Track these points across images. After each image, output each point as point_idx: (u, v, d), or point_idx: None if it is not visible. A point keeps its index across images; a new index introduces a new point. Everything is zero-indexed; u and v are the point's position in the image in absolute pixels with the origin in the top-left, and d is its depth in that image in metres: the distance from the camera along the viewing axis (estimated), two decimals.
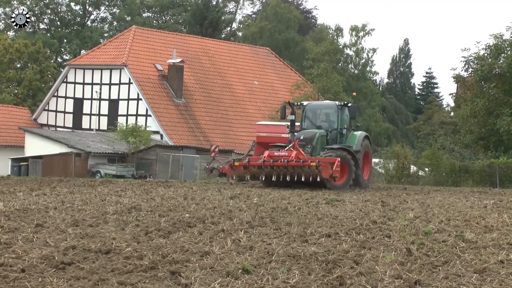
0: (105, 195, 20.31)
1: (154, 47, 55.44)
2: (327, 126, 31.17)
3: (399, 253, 10.18)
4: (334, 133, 30.85)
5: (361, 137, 31.30)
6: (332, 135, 30.80)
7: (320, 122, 31.55)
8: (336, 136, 30.85)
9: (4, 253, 8.73)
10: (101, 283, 7.30)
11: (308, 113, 31.80)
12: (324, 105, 33.08)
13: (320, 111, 32.22)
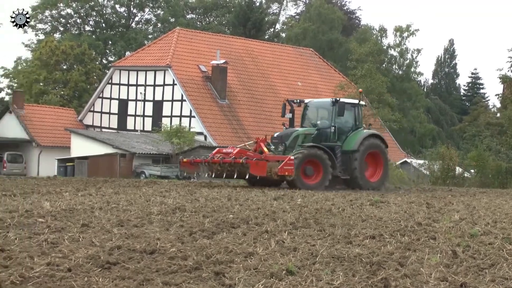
0: (150, 195, 20.42)
1: (198, 49, 55.66)
2: (322, 124, 29.87)
3: (445, 255, 10.08)
4: (328, 131, 29.48)
5: (361, 136, 29.69)
6: (326, 133, 29.45)
7: (316, 120, 30.42)
8: (329, 134, 29.43)
9: (51, 253, 8.82)
10: (145, 283, 7.34)
11: (307, 111, 31.03)
12: (320, 103, 31.82)
13: (316, 109, 31.18)
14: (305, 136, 29.04)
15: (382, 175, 30.47)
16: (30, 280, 7.08)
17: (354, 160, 29.15)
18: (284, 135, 29.23)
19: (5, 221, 11.83)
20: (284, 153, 28.32)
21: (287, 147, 28.66)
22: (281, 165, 26.73)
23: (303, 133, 29.24)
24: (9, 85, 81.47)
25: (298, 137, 29.02)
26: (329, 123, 29.57)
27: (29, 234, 10.49)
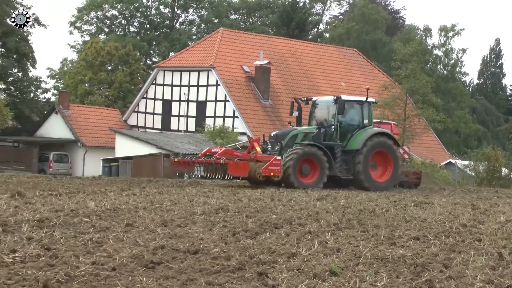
0: (193, 195, 20.51)
1: (241, 49, 55.75)
2: (327, 123, 29.23)
3: (490, 257, 9.96)
4: (330, 130, 28.72)
5: (366, 135, 28.76)
6: (328, 132, 28.67)
7: (321, 119, 29.76)
8: (332, 132, 28.65)
9: (95, 252, 8.90)
10: (189, 283, 7.37)
11: (313, 109, 30.25)
12: (324, 101, 30.78)
13: (323, 107, 30.29)
14: (305, 135, 28.48)
15: (391, 175, 29.56)
16: (75, 279, 7.15)
17: (357, 160, 28.43)
18: (280, 134, 28.86)
19: (51, 220, 11.97)
20: (280, 152, 27.89)
21: (284, 146, 28.14)
22: (265, 166, 26.44)
23: (302, 132, 28.64)
24: (55, 86, 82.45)
25: (296, 136, 28.42)
26: (331, 122, 28.96)
27: (75, 233, 10.60)
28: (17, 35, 61.62)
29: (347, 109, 29.08)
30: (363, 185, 28.16)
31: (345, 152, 28.46)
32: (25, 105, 61.25)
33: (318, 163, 27.60)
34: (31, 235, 10.12)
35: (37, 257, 8.33)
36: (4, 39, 60.40)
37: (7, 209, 13.82)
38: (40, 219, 12.06)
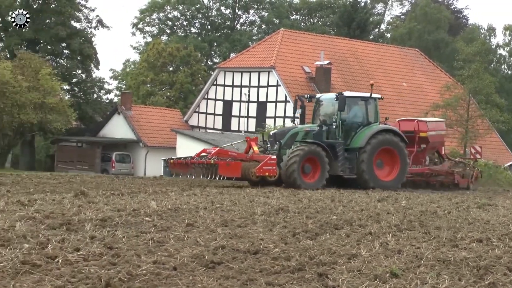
0: (253, 196, 20.54)
1: (302, 49, 55.67)
2: (330, 120, 28.20)
3: None
4: (332, 128, 27.74)
5: (370, 132, 27.73)
6: (330, 130, 27.70)
7: (325, 116, 28.72)
8: (335, 130, 27.67)
9: (157, 251, 8.98)
10: (249, 283, 7.39)
11: (317, 106, 29.32)
12: (328, 98, 29.72)
13: (326, 104, 29.29)
14: (306, 133, 27.44)
15: (398, 174, 28.47)
16: (137, 278, 7.23)
17: (361, 158, 27.41)
18: (280, 133, 27.92)
19: (113, 219, 12.11)
20: (279, 151, 26.91)
21: (283, 145, 27.13)
22: (260, 165, 25.65)
23: (302, 130, 27.65)
24: (117, 86, 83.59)
25: (296, 134, 27.41)
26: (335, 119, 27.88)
27: (136, 233, 10.71)
28: (81, 36, 62.62)
29: (350, 106, 28.06)
30: (368, 185, 27.17)
31: (348, 150, 27.51)
32: (88, 106, 62.19)
33: (320, 162, 26.61)
34: (94, 234, 10.26)
35: (99, 256, 8.44)
36: (68, 41, 61.42)
37: (70, 208, 14.04)
38: (102, 218, 12.21)
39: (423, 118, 35.61)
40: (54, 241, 9.38)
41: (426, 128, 31.75)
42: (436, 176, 32.14)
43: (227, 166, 25.57)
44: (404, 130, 30.63)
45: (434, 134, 32.02)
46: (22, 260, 7.81)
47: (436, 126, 32.76)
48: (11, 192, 18.89)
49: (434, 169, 31.98)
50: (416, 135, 31.32)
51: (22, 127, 50.19)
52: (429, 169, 31.90)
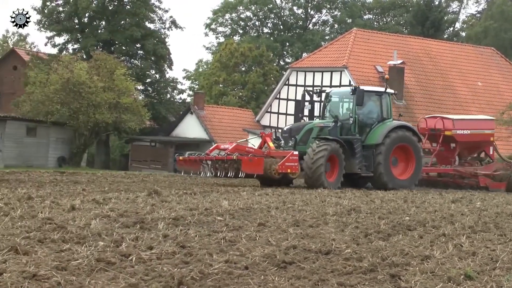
0: (325, 196, 20.49)
1: (374, 49, 55.26)
2: (343, 115, 27.30)
3: None
4: (347, 123, 26.77)
5: (387, 128, 26.77)
6: (345, 126, 26.71)
7: (336, 111, 27.80)
8: (350, 126, 26.71)
9: (229, 250, 9.03)
10: (321, 283, 7.36)
11: (328, 101, 28.27)
12: (341, 92, 28.95)
13: (338, 99, 28.41)
14: (321, 129, 26.41)
15: (414, 172, 27.50)
16: (209, 277, 7.27)
17: (378, 155, 26.50)
18: (295, 129, 26.78)
19: (185, 218, 12.22)
20: (295, 148, 25.91)
21: (298, 141, 26.22)
22: (282, 162, 24.69)
23: (317, 125, 26.60)
24: (190, 86, 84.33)
25: (311, 130, 26.41)
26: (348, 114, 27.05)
27: (208, 232, 10.78)
28: (155, 37, 63.40)
29: (365, 101, 26.95)
30: (384, 183, 26.39)
31: (364, 147, 26.63)
32: (161, 106, 62.92)
33: (338, 160, 25.61)
34: (167, 232, 10.37)
35: (172, 254, 8.52)
36: (143, 42, 62.26)
37: (144, 207, 14.22)
38: (175, 217, 12.34)
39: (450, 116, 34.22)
40: (128, 239, 9.51)
41: (451, 126, 30.54)
42: (463, 178, 30.93)
43: (250, 162, 24.42)
44: (429, 128, 29.78)
45: (463, 133, 30.56)
46: (97, 257, 7.94)
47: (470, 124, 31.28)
48: (86, 191, 19.23)
49: (458, 170, 30.79)
50: (441, 133, 30.21)
51: (98, 126, 51.05)
52: (454, 170, 30.72)
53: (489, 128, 31.62)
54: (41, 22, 62.97)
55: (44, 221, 10.93)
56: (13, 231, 9.79)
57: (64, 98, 48.36)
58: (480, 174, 30.57)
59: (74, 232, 9.94)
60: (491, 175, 30.65)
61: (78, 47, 63.28)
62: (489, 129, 31.55)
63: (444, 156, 30.82)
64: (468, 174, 30.83)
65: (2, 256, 7.75)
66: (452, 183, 30.70)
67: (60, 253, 8.20)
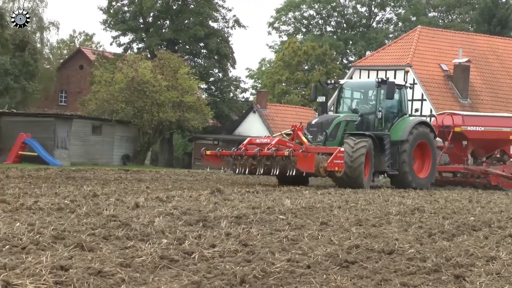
0: (388, 195, 20.34)
1: (439, 47, 54.66)
2: (364, 109, 25.77)
3: None
4: (371, 118, 25.36)
5: (411, 123, 25.50)
6: (368, 120, 25.30)
7: (356, 105, 26.36)
8: (374, 121, 25.30)
9: (291, 249, 9.02)
10: (383, 283, 7.31)
11: (344, 93, 26.67)
12: (363, 84, 27.79)
13: (358, 91, 26.84)
14: (347, 124, 25.01)
15: (430, 171, 26.44)
16: (271, 275, 7.28)
17: (403, 153, 25.16)
18: (325, 122, 24.97)
19: (248, 217, 12.26)
20: (325, 144, 24.33)
21: (328, 136, 24.65)
22: (331, 159, 22.83)
23: (344, 119, 25.07)
24: (253, 85, 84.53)
25: (339, 124, 24.91)
26: (372, 108, 25.63)
27: (271, 230, 10.79)
28: (219, 36, 63.75)
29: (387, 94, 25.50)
30: (408, 182, 25.15)
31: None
32: (224, 105, 63.24)
33: (370, 157, 24.17)
34: (229, 231, 10.41)
35: (234, 253, 8.55)
36: (206, 41, 62.68)
37: (207, 205, 14.30)
38: (238, 215, 12.38)
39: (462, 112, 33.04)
40: (191, 237, 9.57)
41: (461, 122, 29.34)
42: (474, 177, 29.58)
43: (305, 159, 22.37)
44: (439, 125, 28.82)
45: (475, 129, 29.29)
46: (160, 255, 8.02)
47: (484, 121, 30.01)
48: (150, 189, 19.44)
49: (469, 168, 29.54)
50: (451, 129, 29.03)
51: (161, 125, 51.56)
52: (464, 168, 29.46)
53: (508, 126, 30.12)
54: (106, 22, 63.92)
55: (109, 218, 11.08)
56: (78, 228, 9.95)
57: (129, 97, 48.94)
58: (491, 172, 29.27)
59: (138, 229, 10.05)
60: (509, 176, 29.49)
61: (143, 46, 64.00)
62: (509, 127, 30.08)
63: (456, 155, 29.71)
64: (479, 173, 29.49)
65: (68, 252, 7.87)
66: (464, 182, 29.42)
67: (124, 250, 8.30)
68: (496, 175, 29.25)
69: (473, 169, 29.72)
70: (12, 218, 10.79)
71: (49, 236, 8.91)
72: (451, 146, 29.05)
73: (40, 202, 13.33)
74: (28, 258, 7.48)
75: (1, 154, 43.70)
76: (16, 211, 12.00)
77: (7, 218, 10.78)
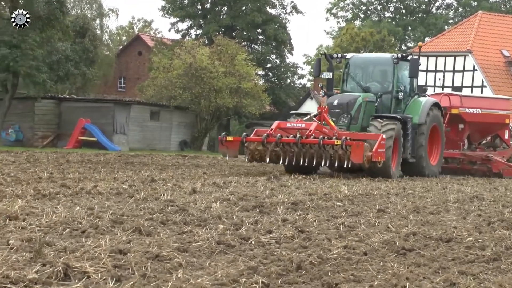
0: (447, 183, 20.13)
1: (500, 33, 53.79)
2: (378, 88, 23.13)
3: None
4: (387, 98, 22.84)
5: (427, 105, 23.07)
6: (383, 101, 22.76)
7: (368, 83, 23.56)
8: (390, 102, 22.87)
9: (347, 236, 9.00)
10: (441, 271, 7.24)
11: (353, 69, 23.84)
12: (375, 59, 24.77)
13: (370, 68, 24.09)
14: (366, 104, 22.34)
15: (440, 157, 24.24)
16: (327, 262, 7.27)
17: (420, 136, 22.76)
18: (349, 102, 22.13)
19: (304, 203, 12.25)
20: (349, 127, 21.74)
21: (352, 118, 22.10)
22: (375, 148, 20.07)
23: (364, 100, 22.36)
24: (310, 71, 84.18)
25: (361, 105, 22.20)
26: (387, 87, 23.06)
27: (327, 217, 10.77)
28: (276, 22, 63.64)
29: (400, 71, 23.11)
30: (422, 169, 22.88)
31: None
32: (281, 91, 63.18)
33: (398, 143, 21.66)
34: (285, 217, 10.42)
35: (291, 239, 8.56)
36: (264, 27, 62.64)
37: (263, 191, 14.34)
38: (294, 201, 12.39)
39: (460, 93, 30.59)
40: (247, 222, 9.61)
41: (458, 104, 26.91)
42: (471, 163, 27.10)
43: (357, 149, 19.69)
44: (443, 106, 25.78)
45: (473, 112, 26.89)
46: (217, 240, 8.07)
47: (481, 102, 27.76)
48: (207, 174, 19.56)
49: (467, 154, 27.18)
50: (447, 111, 26.39)
51: (219, 111, 51.74)
52: (462, 154, 27.10)
53: (504, 108, 27.99)
54: (165, 8, 64.33)
55: (167, 203, 11.18)
56: (137, 213, 10.06)
57: (187, 83, 49.20)
58: (493, 159, 26.99)
59: (195, 214, 10.12)
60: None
61: (201, 33, 64.25)
62: (504, 110, 27.95)
63: (451, 139, 27.09)
64: (479, 159, 27.10)
65: (127, 237, 7.98)
66: (459, 169, 26.89)
67: (181, 235, 8.37)
68: (498, 162, 27.08)
69: (472, 155, 27.40)
70: (72, 202, 10.98)
71: (108, 220, 9.04)
72: (447, 130, 26.22)
73: (99, 186, 13.52)
74: (87, 241, 7.60)
75: (62, 139, 44.42)
76: (76, 195, 12.19)
77: (67, 202, 10.97)
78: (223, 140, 21.69)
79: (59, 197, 11.72)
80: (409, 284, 6.35)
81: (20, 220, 8.84)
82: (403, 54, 24.12)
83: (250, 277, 6.36)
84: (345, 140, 19.61)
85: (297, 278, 6.55)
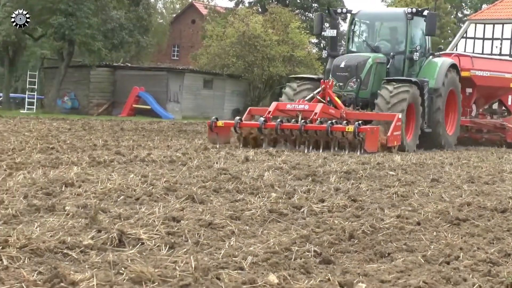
0: (503, 153, 19.87)
1: None
2: (388, 48, 20.50)
3: None
4: (399, 59, 20.19)
5: (444, 67, 20.47)
6: (395, 62, 20.13)
7: (377, 41, 20.91)
8: (403, 64, 20.21)
9: (400, 205, 8.95)
10: (496, 241, 7.17)
11: (359, 26, 21.18)
12: (386, 15, 22.27)
13: (379, 24, 21.36)
14: (377, 66, 19.81)
15: (456, 126, 21.66)
16: (380, 231, 7.25)
17: (437, 98, 20.23)
18: (358, 65, 19.41)
19: (357, 172, 12.22)
20: (359, 93, 19.23)
21: (362, 83, 19.49)
22: (390, 132, 17.72)
23: (374, 61, 19.80)
24: None
25: (371, 68, 19.63)
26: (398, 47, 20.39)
27: (380, 186, 10.73)
28: None
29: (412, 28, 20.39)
30: (439, 139, 20.46)
31: None
32: None
33: (416, 111, 19.28)
34: (338, 186, 10.40)
35: (343, 208, 8.55)
36: None
37: (316, 160, 14.33)
38: (347, 171, 12.35)
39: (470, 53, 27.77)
40: (300, 191, 9.62)
41: (469, 65, 24.12)
42: (482, 132, 24.82)
43: (372, 135, 17.24)
44: None
45: (483, 74, 24.26)
46: (269, 208, 8.09)
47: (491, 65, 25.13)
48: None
49: (478, 122, 24.80)
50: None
51: (272, 79, 51.63)
52: (471, 121, 24.56)
53: (509, 71, 25.28)
54: None
55: (219, 172, 11.24)
56: (190, 181, 10.13)
57: (240, 51, 49.16)
58: (508, 127, 24.47)
59: (247, 183, 10.16)
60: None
61: (254, 1, 63.99)
62: (510, 73, 25.26)
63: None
64: (492, 127, 24.70)
65: (180, 204, 8.05)
66: (467, 139, 24.52)
67: (234, 203, 8.42)
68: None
69: (483, 123, 25.03)
70: (126, 170, 11.10)
71: (161, 188, 9.13)
72: None
73: (153, 154, 13.65)
74: (141, 208, 7.69)
75: (116, 107, 44.88)
76: (130, 162, 12.33)
77: (121, 170, 11.10)
78: (212, 125, 18.43)
79: (113, 164, 11.87)
80: (462, 255, 6.30)
81: (75, 186, 8.98)
82: (418, 8, 21.53)
83: (303, 245, 6.37)
84: (358, 127, 16.98)
85: (349, 247, 6.55)
